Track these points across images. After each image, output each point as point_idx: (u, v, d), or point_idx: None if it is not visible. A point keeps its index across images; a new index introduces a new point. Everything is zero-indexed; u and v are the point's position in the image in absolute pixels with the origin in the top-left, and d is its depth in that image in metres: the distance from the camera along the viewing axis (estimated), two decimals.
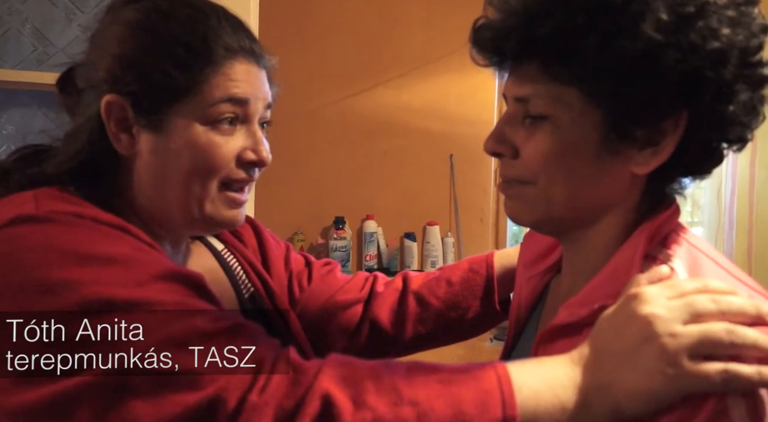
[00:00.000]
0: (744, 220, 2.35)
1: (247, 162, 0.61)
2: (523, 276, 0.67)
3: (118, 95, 0.58)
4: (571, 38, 0.48)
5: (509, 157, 0.55)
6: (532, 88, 0.51)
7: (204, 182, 0.60)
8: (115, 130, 0.59)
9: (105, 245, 0.51)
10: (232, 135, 0.60)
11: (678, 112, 0.49)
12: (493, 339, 2.50)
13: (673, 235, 0.54)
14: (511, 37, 0.51)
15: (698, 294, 0.47)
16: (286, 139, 2.33)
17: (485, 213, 2.40)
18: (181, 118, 0.58)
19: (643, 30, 0.46)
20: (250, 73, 0.61)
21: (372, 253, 2.33)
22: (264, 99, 0.63)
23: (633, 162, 0.51)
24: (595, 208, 0.54)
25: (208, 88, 0.58)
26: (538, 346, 0.55)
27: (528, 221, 0.57)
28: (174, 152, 0.59)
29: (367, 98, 2.35)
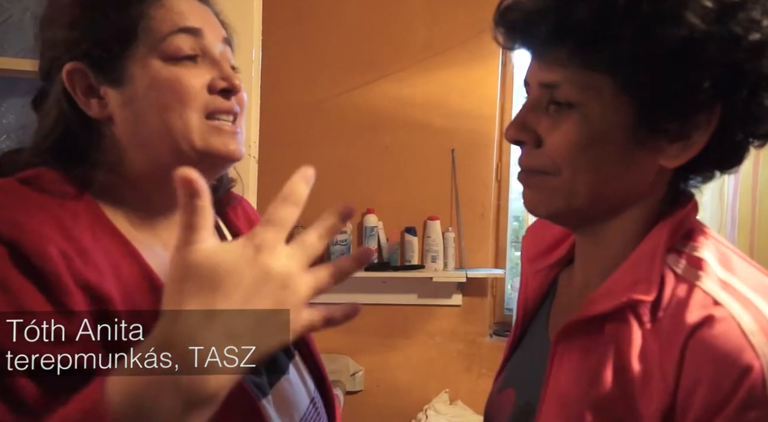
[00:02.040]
0: (746, 218, 2.34)
1: (220, 90, 0.60)
2: (529, 270, 0.66)
3: (75, 61, 0.57)
4: (610, 23, 0.46)
5: (531, 146, 0.53)
6: (562, 74, 0.49)
7: (182, 114, 0.58)
8: (83, 98, 0.58)
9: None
10: (195, 68, 0.59)
11: (712, 104, 0.48)
12: (493, 334, 2.50)
13: (696, 230, 0.53)
14: (545, 20, 0.48)
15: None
16: (288, 132, 2.32)
17: (486, 209, 2.40)
18: (137, 62, 0.58)
19: (687, 17, 0.45)
20: (194, 5, 0.61)
21: (372, 247, 2.33)
22: (218, 32, 0.62)
23: (663, 155, 0.50)
24: (618, 200, 0.53)
25: (154, 23, 0.58)
26: (557, 341, 0.54)
27: (547, 212, 0.55)
28: (142, 97, 0.58)
29: (369, 92, 2.35)
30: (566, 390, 0.52)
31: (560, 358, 0.53)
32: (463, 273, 2.32)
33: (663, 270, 0.50)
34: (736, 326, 0.45)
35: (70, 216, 0.54)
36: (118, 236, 0.57)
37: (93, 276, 0.51)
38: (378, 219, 2.35)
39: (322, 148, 2.35)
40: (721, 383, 0.44)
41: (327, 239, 0.47)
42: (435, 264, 2.33)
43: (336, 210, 0.48)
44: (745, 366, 0.43)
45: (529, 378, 0.59)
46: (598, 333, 0.50)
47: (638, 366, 0.47)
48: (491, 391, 0.66)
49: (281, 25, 2.26)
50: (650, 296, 0.49)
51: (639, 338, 0.48)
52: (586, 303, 0.52)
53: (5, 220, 0.51)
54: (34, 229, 0.50)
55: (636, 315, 0.49)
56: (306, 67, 2.32)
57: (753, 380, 0.43)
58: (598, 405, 0.48)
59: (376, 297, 2.39)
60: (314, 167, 1.93)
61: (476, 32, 2.32)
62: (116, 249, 0.56)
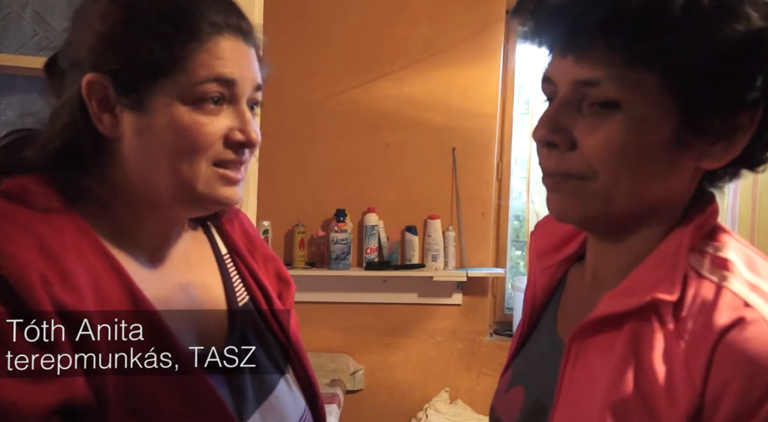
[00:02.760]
0: (746, 218, 2.35)
1: (235, 142, 0.59)
2: (537, 266, 0.65)
3: (100, 73, 0.56)
4: (667, 15, 0.44)
5: (564, 149, 0.50)
6: (603, 71, 0.46)
7: (191, 162, 0.57)
8: (97, 111, 0.57)
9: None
10: (217, 115, 0.58)
11: (756, 105, 0.47)
12: (493, 333, 2.50)
13: (719, 230, 0.52)
14: (591, 10, 0.46)
15: None
16: (288, 131, 2.32)
17: (487, 208, 2.39)
18: (163, 97, 0.56)
19: (747, 12, 0.43)
20: (238, 51, 0.58)
21: (373, 246, 2.32)
22: (252, 79, 0.60)
23: (706, 157, 0.48)
24: (654, 204, 0.51)
25: (192, 66, 0.56)
26: (573, 340, 0.52)
27: (579, 219, 0.52)
28: (157, 132, 0.57)
29: (370, 90, 2.34)
30: (583, 390, 0.51)
31: (575, 358, 0.52)
32: (463, 273, 2.31)
33: (686, 270, 0.49)
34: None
35: (54, 232, 0.53)
36: (102, 250, 0.56)
37: (71, 299, 0.51)
38: (378, 218, 2.34)
39: (322, 147, 2.35)
40: (754, 387, 0.43)
41: None
42: (435, 264, 2.33)
43: None
44: None
45: (539, 377, 0.58)
46: (616, 332, 0.49)
47: (662, 367, 0.46)
48: (497, 389, 0.66)
49: (282, 23, 2.25)
50: (674, 296, 0.48)
51: (661, 338, 0.47)
52: (604, 301, 0.51)
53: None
54: (17, 257, 0.50)
55: (657, 315, 0.48)
56: (307, 66, 2.32)
57: None
58: (618, 407, 0.47)
59: (377, 296, 2.39)
60: (315, 165, 1.94)
61: (477, 31, 2.32)
62: (99, 264, 0.55)
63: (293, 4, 2.30)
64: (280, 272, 0.77)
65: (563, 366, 0.53)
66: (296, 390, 0.69)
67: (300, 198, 2.35)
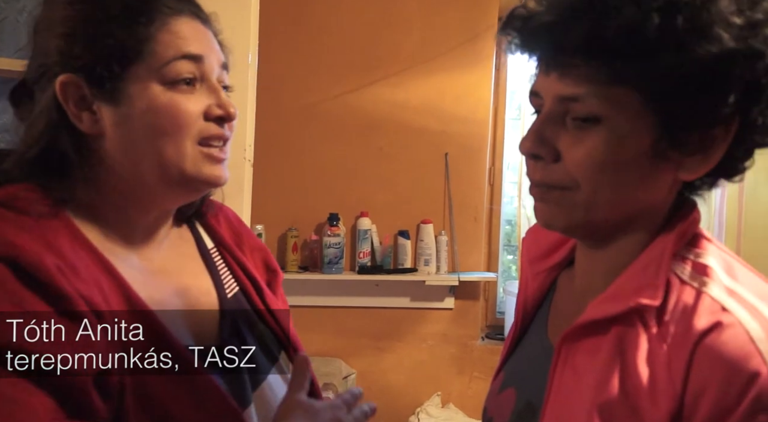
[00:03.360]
0: (733, 223, 2.38)
1: (215, 117, 0.61)
2: (529, 271, 0.67)
3: (71, 73, 0.57)
4: (643, 37, 0.46)
5: (549, 161, 0.52)
6: (584, 88, 0.49)
7: (176, 142, 0.59)
8: (75, 110, 0.57)
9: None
10: (192, 94, 0.59)
11: (731, 119, 0.49)
12: (485, 337, 2.51)
13: (700, 237, 0.54)
14: (573, 31, 0.48)
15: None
16: (282, 134, 2.32)
17: (479, 212, 2.41)
18: (137, 83, 0.57)
19: (718, 34, 0.45)
20: (198, 30, 0.61)
21: (366, 250, 2.34)
22: (217, 56, 0.62)
23: (683, 169, 0.51)
24: (635, 213, 0.53)
25: (159, 47, 0.58)
26: (562, 343, 0.54)
27: (564, 226, 0.55)
28: (137, 119, 0.58)
29: (364, 95, 2.35)
30: (571, 392, 0.52)
31: (564, 360, 0.54)
32: (455, 277, 2.33)
33: (668, 276, 0.51)
34: (745, 333, 0.46)
35: (51, 234, 0.55)
36: (94, 252, 0.57)
37: (85, 289, 0.53)
38: (372, 222, 2.35)
39: (316, 151, 2.36)
40: (730, 388, 0.45)
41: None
42: (428, 268, 2.34)
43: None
44: (753, 372, 0.44)
45: (529, 379, 0.60)
46: (603, 336, 0.51)
47: (645, 369, 0.48)
48: (490, 391, 0.67)
49: (277, 28, 2.26)
50: (657, 301, 0.49)
51: (645, 342, 0.49)
52: (592, 306, 0.53)
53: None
54: (27, 245, 0.51)
55: (642, 319, 0.50)
56: (301, 70, 2.33)
57: (761, 386, 0.44)
58: (605, 407, 0.49)
59: (369, 300, 2.39)
60: (308, 170, 1.95)
61: (470, 37, 2.34)
62: (94, 265, 0.56)
63: (288, 11, 2.31)
64: (268, 261, 0.78)
65: (552, 369, 0.55)
66: (290, 375, 0.71)
67: (293, 202, 2.36)
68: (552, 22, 0.49)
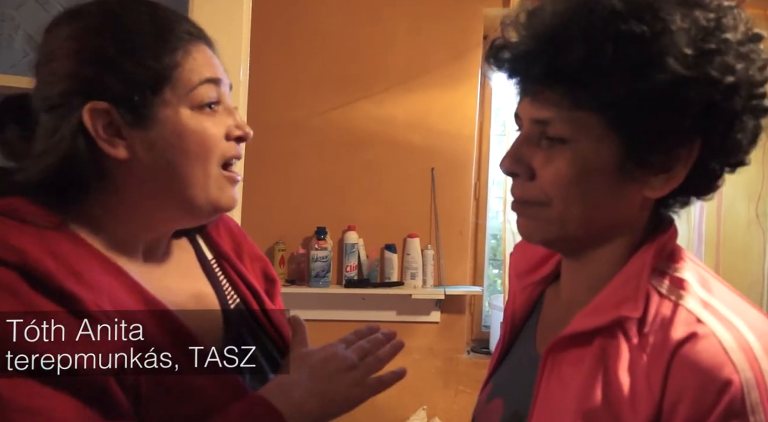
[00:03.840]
0: (712, 237, 2.43)
1: (235, 138, 0.64)
2: (516, 285, 0.69)
3: (100, 100, 0.58)
4: (599, 68, 0.50)
5: (525, 178, 0.56)
6: (553, 112, 0.53)
7: (205, 166, 0.61)
8: (105, 136, 0.58)
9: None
10: (215, 117, 0.62)
11: (692, 140, 0.52)
12: (470, 351, 2.53)
13: (678, 253, 0.57)
14: (535, 63, 0.52)
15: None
16: (270, 149, 2.34)
17: (465, 227, 2.44)
18: (168, 108, 0.59)
19: (669, 63, 0.49)
20: (210, 55, 0.64)
21: (353, 264, 2.35)
22: (227, 80, 0.66)
23: (648, 187, 0.54)
24: (607, 228, 0.56)
25: (184, 73, 0.60)
26: (548, 354, 0.57)
27: (541, 240, 0.58)
28: (169, 142, 0.60)
29: (351, 111, 2.38)
30: (556, 401, 0.55)
31: (550, 370, 0.56)
32: (441, 291, 2.35)
33: (648, 290, 0.54)
34: (718, 343, 0.49)
35: (54, 243, 0.56)
36: (101, 258, 0.59)
37: (88, 295, 0.54)
38: (358, 236, 2.37)
39: (304, 166, 2.38)
40: (704, 395, 0.47)
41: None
42: (414, 281, 2.36)
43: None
44: (725, 380, 0.47)
45: (517, 389, 0.62)
46: (587, 347, 0.54)
47: (626, 378, 0.51)
48: (478, 401, 0.69)
49: (268, 45, 2.29)
50: (637, 313, 0.52)
51: (627, 352, 0.52)
52: (576, 319, 0.55)
53: (6, 247, 0.53)
54: (30, 251, 0.53)
55: (623, 331, 0.53)
56: (290, 86, 2.35)
57: (733, 393, 0.47)
58: (588, 415, 0.51)
59: (356, 314, 2.40)
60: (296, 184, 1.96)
61: (456, 55, 2.39)
62: (103, 269, 0.58)
63: (278, 28, 2.34)
64: (267, 271, 0.80)
65: (539, 379, 0.57)
66: None
67: (281, 216, 2.37)
68: (521, 53, 0.53)
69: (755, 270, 2.43)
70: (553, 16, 0.52)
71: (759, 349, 0.49)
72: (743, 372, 0.47)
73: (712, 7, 0.51)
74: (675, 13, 0.50)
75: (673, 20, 0.49)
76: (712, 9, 0.51)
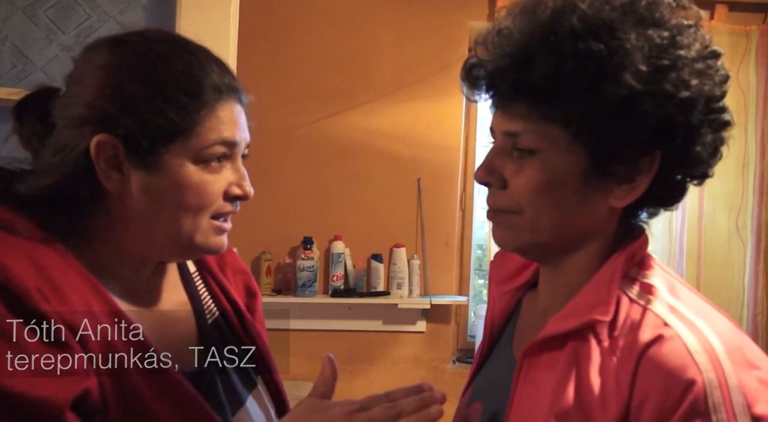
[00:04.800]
0: (693, 249, 2.47)
1: (233, 196, 0.64)
2: (495, 293, 0.72)
3: (111, 135, 0.58)
4: (560, 83, 0.53)
5: (498, 187, 0.59)
6: (522, 125, 0.56)
7: (195, 217, 0.62)
8: (105, 168, 0.59)
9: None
10: (219, 172, 0.62)
11: (653, 151, 0.55)
12: (456, 361, 2.54)
13: (647, 260, 0.59)
14: (503, 79, 0.55)
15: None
16: (257, 159, 2.33)
17: (451, 237, 2.46)
18: (174, 158, 0.60)
19: (625, 79, 0.52)
20: (236, 113, 0.64)
21: (339, 274, 2.36)
22: (246, 138, 0.66)
23: (612, 196, 0.57)
24: (577, 236, 0.59)
25: (203, 130, 0.60)
26: (524, 358, 0.58)
27: (514, 247, 0.61)
28: (165, 190, 0.60)
29: (339, 122, 2.40)
30: (531, 403, 0.57)
31: (526, 374, 0.58)
32: (427, 300, 2.36)
33: (618, 295, 0.56)
34: (683, 345, 0.51)
35: (42, 255, 0.56)
36: (84, 276, 0.59)
37: (68, 313, 0.54)
38: (345, 245, 2.38)
39: (291, 175, 2.39)
40: (669, 394, 0.50)
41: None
42: (400, 291, 2.37)
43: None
44: (689, 381, 0.49)
45: (495, 392, 0.64)
46: (560, 350, 0.56)
47: (597, 379, 0.53)
48: (459, 405, 0.71)
49: (255, 56, 2.31)
50: (608, 317, 0.55)
51: (598, 354, 0.54)
52: (550, 323, 0.57)
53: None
54: (12, 268, 0.53)
55: (595, 334, 0.55)
56: (278, 97, 2.37)
57: (696, 393, 0.49)
58: (561, 416, 0.53)
59: (342, 324, 2.41)
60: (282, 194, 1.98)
61: (442, 67, 2.42)
62: (85, 288, 0.58)
63: (266, 38, 2.36)
64: (249, 285, 0.81)
65: (515, 382, 0.59)
66: (267, 401, 0.73)
67: (267, 225, 2.37)
68: (492, 70, 0.56)
69: (736, 282, 2.46)
70: (521, 34, 0.55)
71: (722, 352, 0.51)
72: (706, 372, 0.49)
73: (668, 26, 0.54)
74: (630, 32, 0.52)
75: (628, 38, 0.52)
76: (667, 28, 0.54)
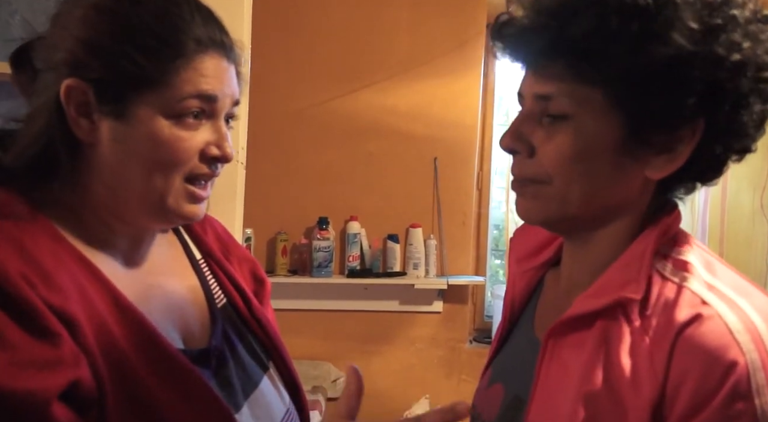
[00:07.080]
0: (716, 228, 2.43)
1: (211, 157, 0.60)
2: (516, 270, 0.69)
3: (81, 80, 0.56)
4: (603, 40, 0.49)
5: (525, 156, 0.55)
6: (557, 87, 0.52)
7: (167, 176, 0.58)
8: (74, 115, 0.57)
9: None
10: (196, 129, 0.59)
11: (696, 120, 0.51)
12: (473, 341, 2.54)
13: (681, 236, 0.56)
14: (541, 36, 0.51)
15: None
16: (272, 139, 2.33)
17: (467, 217, 2.43)
18: (145, 108, 0.57)
19: (674, 37, 0.48)
20: (220, 67, 0.60)
21: (355, 254, 2.35)
22: (232, 95, 0.62)
23: (649, 166, 0.53)
24: (608, 209, 0.55)
25: (178, 82, 0.57)
26: (548, 338, 0.56)
27: (540, 220, 0.57)
28: (136, 142, 0.57)
29: (353, 100, 2.37)
30: (557, 384, 0.54)
31: (551, 354, 0.56)
32: (444, 281, 2.35)
33: (650, 272, 0.53)
34: (723, 324, 0.48)
35: (29, 238, 0.53)
36: (78, 256, 0.57)
37: (57, 299, 0.51)
38: (361, 226, 2.37)
39: (307, 155, 2.37)
40: (709, 377, 0.47)
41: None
42: (417, 271, 2.36)
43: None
44: (731, 362, 0.47)
45: (517, 374, 0.62)
46: (588, 330, 0.53)
47: (628, 360, 0.50)
48: (478, 386, 0.69)
49: (269, 34, 2.28)
50: (639, 295, 0.52)
51: (628, 334, 0.51)
52: (577, 302, 0.55)
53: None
54: (1, 257, 0.50)
55: (625, 313, 0.52)
56: (292, 76, 2.34)
57: (739, 375, 0.46)
58: (589, 398, 0.51)
59: (358, 304, 2.41)
60: (298, 174, 1.96)
61: (459, 44, 2.37)
62: (78, 269, 0.56)
63: (280, 17, 2.33)
64: (256, 272, 0.79)
65: (539, 363, 0.56)
66: (280, 384, 0.72)
67: (283, 206, 2.37)
68: (526, 27, 0.53)
69: (759, 260, 2.43)
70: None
71: (765, 331, 0.48)
72: (749, 353, 0.47)
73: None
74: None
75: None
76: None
